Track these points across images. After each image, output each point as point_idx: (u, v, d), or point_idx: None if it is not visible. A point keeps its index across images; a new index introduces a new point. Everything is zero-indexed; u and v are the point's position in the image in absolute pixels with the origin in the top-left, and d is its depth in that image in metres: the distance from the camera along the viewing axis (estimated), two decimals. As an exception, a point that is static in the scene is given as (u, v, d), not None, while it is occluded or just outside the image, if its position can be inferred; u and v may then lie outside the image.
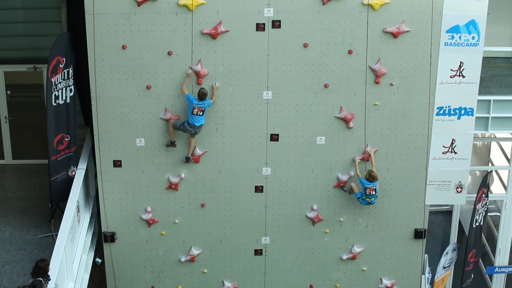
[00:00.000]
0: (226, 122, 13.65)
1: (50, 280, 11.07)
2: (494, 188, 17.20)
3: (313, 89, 13.53)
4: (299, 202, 14.25)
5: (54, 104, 13.45)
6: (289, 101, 13.58)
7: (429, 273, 15.01)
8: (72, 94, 13.78)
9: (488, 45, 13.97)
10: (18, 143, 16.42)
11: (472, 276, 15.62)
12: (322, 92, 13.55)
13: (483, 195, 14.82)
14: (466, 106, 13.76)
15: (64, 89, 13.59)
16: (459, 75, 13.56)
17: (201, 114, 13.06)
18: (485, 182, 14.76)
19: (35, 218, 14.51)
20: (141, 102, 13.47)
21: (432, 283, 15.20)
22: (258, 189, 14.12)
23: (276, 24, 13.13)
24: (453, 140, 13.96)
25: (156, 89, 13.38)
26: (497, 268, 16.54)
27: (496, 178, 17.46)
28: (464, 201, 14.54)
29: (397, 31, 13.21)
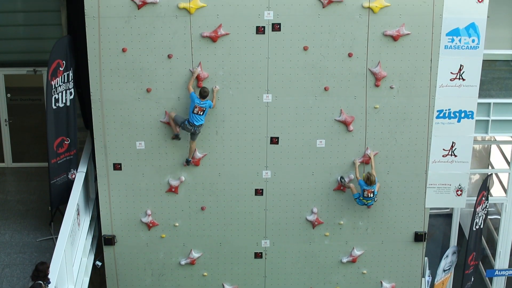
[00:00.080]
0: (226, 125, 13.65)
1: (50, 283, 11.07)
2: (494, 191, 17.20)
3: (313, 92, 13.53)
4: (299, 205, 14.24)
5: (54, 107, 13.44)
6: (289, 104, 13.58)
7: (429, 276, 15.00)
8: (72, 97, 13.78)
9: (488, 48, 13.98)
10: (18, 146, 16.42)
11: (472, 279, 15.60)
12: (322, 95, 13.55)
13: (483, 198, 14.82)
14: (466, 109, 13.76)
15: (64, 92, 13.59)
16: (459, 78, 13.56)
17: (201, 113, 13.04)
18: (485, 185, 14.75)
19: (35, 221, 14.50)
20: (141, 105, 13.47)
21: (432, 286, 15.18)
22: (258, 192, 14.12)
23: (276, 27, 13.13)
24: (453, 143, 13.96)
25: (156, 92, 13.38)
26: (497, 271, 16.52)
27: (496, 181, 17.45)
28: (464, 204, 14.54)
29: (397, 34, 13.21)
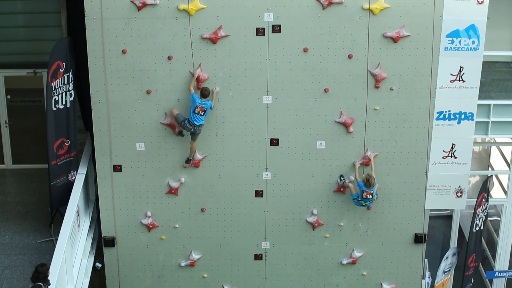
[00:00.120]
0: (226, 127, 13.65)
1: (50, 285, 11.07)
2: (494, 192, 17.19)
3: (313, 93, 13.53)
4: (299, 207, 14.24)
5: (54, 108, 13.45)
6: (289, 105, 13.58)
7: (429, 277, 14.99)
8: (72, 98, 13.78)
9: (488, 49, 13.99)
10: (18, 148, 16.42)
11: (472, 280, 15.60)
12: (322, 96, 13.55)
13: (483, 200, 14.82)
14: (466, 110, 13.76)
15: (64, 93, 13.59)
16: (459, 80, 13.56)
17: (202, 114, 13.03)
18: (485, 187, 14.75)
19: (35, 222, 14.50)
20: (141, 107, 13.47)
21: (432, 288, 15.22)
22: (258, 193, 14.11)
23: (276, 28, 13.13)
24: (453, 144, 13.96)
25: (156, 93, 13.38)
26: (497, 272, 16.51)
27: (496, 183, 17.45)
28: (464, 205, 14.54)
29: (397, 36, 13.22)
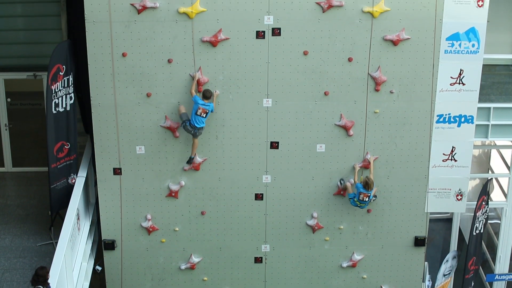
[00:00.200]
0: (226, 130, 13.65)
1: (50, 288, 11.08)
2: (494, 195, 17.18)
3: (313, 96, 13.53)
4: (299, 210, 14.23)
5: (54, 111, 13.44)
6: (289, 108, 13.58)
7: (429, 280, 14.99)
8: (72, 101, 13.78)
9: (488, 52, 13.98)
10: (18, 151, 16.42)
11: (472, 283, 15.58)
12: (322, 99, 13.55)
13: (483, 203, 14.81)
14: (466, 113, 13.76)
15: (64, 96, 13.59)
16: (459, 83, 13.56)
17: (204, 115, 13.02)
18: (485, 190, 14.74)
19: (35, 225, 14.49)
20: (141, 110, 13.47)
21: (432, 291, 15.21)
22: (258, 196, 14.11)
23: (276, 31, 13.14)
24: (453, 147, 13.96)
25: (156, 96, 13.39)
26: (497, 275, 16.49)
27: (496, 186, 17.45)
28: (464, 208, 14.53)
29: (397, 39, 13.22)
